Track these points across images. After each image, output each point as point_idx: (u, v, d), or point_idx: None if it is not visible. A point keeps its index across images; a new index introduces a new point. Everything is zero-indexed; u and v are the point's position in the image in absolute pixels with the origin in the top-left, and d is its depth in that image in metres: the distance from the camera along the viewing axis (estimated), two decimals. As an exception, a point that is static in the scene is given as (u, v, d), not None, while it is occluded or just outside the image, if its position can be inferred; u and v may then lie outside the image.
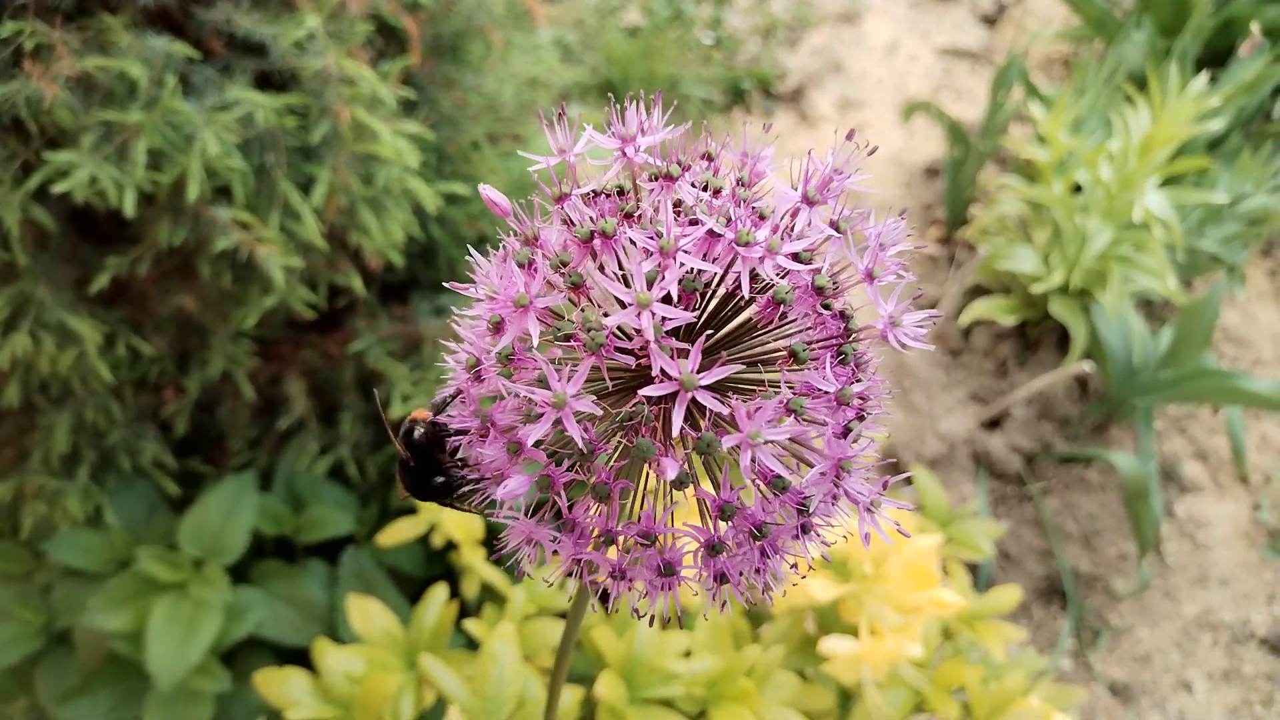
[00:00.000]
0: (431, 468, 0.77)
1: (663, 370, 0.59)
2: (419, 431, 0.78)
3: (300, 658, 1.67)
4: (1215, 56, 3.58)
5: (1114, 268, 2.80)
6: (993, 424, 3.15)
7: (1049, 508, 2.94)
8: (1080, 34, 4.10)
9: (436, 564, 1.97)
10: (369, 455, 2.05)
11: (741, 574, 0.64)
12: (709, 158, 0.70)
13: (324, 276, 1.77)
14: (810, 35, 4.64)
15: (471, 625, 1.59)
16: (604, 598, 0.67)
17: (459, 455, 0.72)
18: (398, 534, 1.76)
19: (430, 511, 1.78)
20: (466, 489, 0.71)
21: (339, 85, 1.57)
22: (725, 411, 0.59)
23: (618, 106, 0.69)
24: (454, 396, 0.70)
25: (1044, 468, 3.05)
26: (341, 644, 1.56)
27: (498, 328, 0.63)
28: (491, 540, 1.96)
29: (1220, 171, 3.07)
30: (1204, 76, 2.86)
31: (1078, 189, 3.08)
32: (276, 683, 1.44)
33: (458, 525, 1.77)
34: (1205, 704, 2.57)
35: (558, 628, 1.58)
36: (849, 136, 0.66)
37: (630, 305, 0.59)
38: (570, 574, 0.67)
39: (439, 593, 1.60)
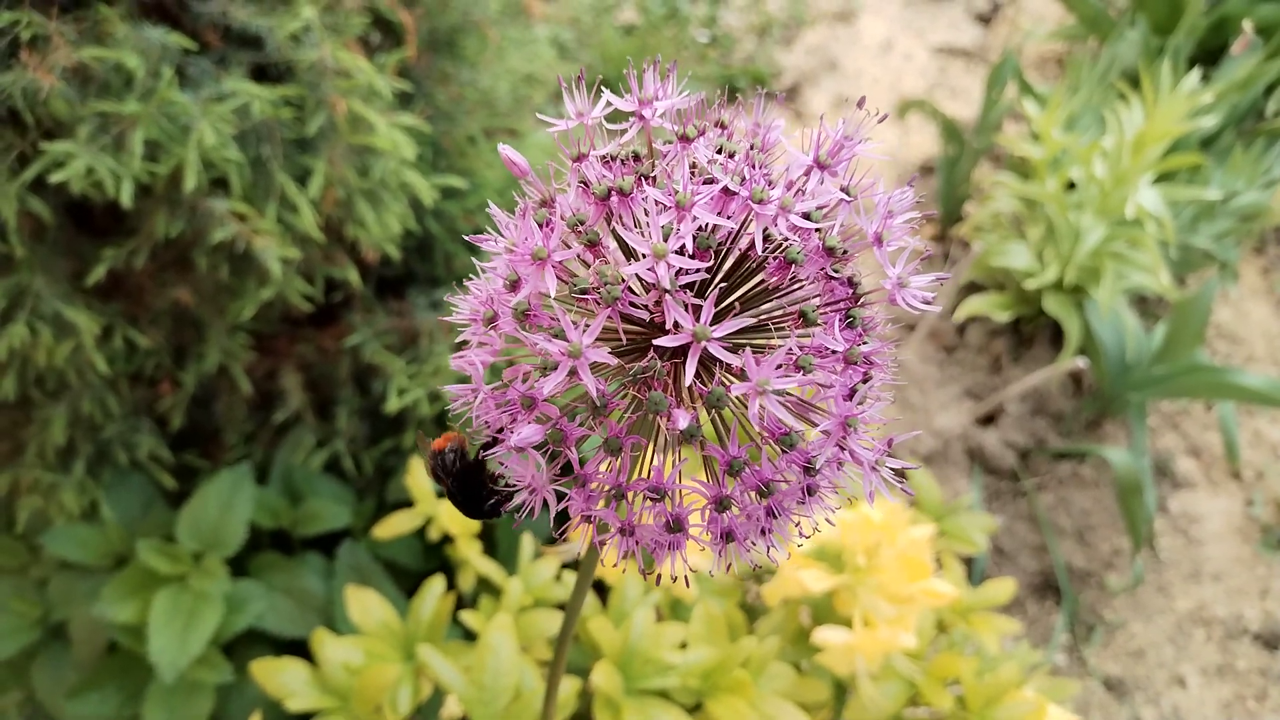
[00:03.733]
0: (476, 490, 0.79)
1: (676, 323, 0.60)
2: (449, 457, 0.79)
3: (298, 650, 1.67)
4: (1208, 54, 3.60)
5: (1107, 264, 2.81)
6: (987, 420, 3.16)
7: (1043, 503, 2.96)
8: (1074, 32, 4.12)
9: (433, 557, 1.97)
10: (365, 449, 2.05)
11: (747, 536, 0.65)
12: (722, 125, 0.71)
13: (320, 269, 1.77)
14: (805, 34, 4.65)
15: (468, 617, 1.59)
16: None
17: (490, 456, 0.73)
18: (394, 527, 1.76)
19: (427, 505, 1.78)
20: (514, 500, 0.71)
21: (335, 77, 1.57)
22: (736, 364, 0.60)
23: (635, 72, 0.71)
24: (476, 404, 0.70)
25: (1038, 463, 3.07)
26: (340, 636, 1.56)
27: (514, 285, 0.65)
28: (488, 533, 1.96)
29: (1213, 168, 3.08)
30: (1197, 74, 2.88)
31: (1071, 186, 3.09)
32: (274, 673, 1.44)
33: (454, 519, 1.77)
34: (1199, 699, 2.58)
35: (554, 619, 1.58)
36: (860, 104, 0.67)
37: (646, 256, 0.60)
38: (578, 528, 0.68)
39: (436, 584, 1.60)
